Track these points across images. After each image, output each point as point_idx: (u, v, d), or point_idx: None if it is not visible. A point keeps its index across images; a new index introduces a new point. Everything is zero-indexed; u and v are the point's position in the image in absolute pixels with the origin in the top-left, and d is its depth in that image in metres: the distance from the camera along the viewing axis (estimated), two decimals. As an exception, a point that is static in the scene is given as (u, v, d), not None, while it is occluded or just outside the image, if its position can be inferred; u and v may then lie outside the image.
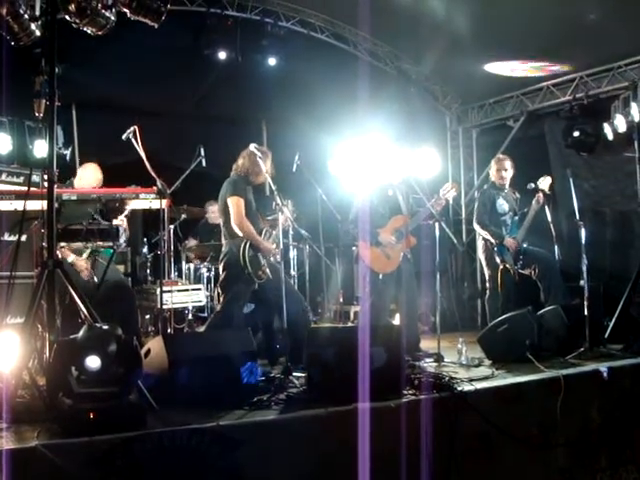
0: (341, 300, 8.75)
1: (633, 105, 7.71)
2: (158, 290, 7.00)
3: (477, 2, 7.87)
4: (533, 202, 7.16)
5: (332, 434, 3.96)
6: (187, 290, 8.05)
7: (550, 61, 8.97)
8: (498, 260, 7.10)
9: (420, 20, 8.07)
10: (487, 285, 7.40)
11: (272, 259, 6.09)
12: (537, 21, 7.72)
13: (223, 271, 6.07)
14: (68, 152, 7.56)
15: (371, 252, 6.55)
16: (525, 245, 7.22)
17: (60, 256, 5.10)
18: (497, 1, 7.67)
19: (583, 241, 6.36)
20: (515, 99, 10.06)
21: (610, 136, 8.25)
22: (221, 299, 6.12)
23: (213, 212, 8.75)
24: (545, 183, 7.11)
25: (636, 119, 7.64)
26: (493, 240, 7.18)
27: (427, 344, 6.52)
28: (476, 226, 7.46)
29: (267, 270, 5.96)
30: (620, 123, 8.03)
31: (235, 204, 5.96)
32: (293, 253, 8.78)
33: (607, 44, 7.99)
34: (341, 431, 3.95)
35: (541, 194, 7.09)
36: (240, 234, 5.93)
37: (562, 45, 8.22)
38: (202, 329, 6.11)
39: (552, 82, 9.39)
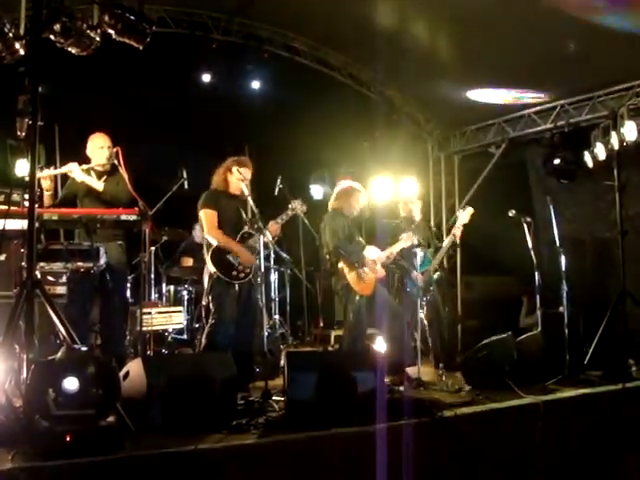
0: (321, 324, 8.73)
1: (613, 134, 7.78)
2: (138, 312, 6.95)
3: (459, 30, 7.94)
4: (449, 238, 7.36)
5: (311, 459, 3.93)
6: (167, 312, 8.00)
7: (531, 89, 9.06)
8: None
9: (403, 47, 8.14)
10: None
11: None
12: (519, 50, 7.82)
13: (207, 281, 6.08)
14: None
15: (354, 270, 6.58)
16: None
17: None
18: (479, 30, 7.75)
19: (563, 268, 6.41)
20: (497, 126, 10.12)
21: (590, 164, 8.32)
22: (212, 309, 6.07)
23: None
24: (466, 215, 7.34)
25: (615, 148, 7.71)
26: None
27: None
28: None
29: (247, 269, 5.98)
30: (600, 151, 8.10)
31: (204, 216, 6.05)
32: (274, 276, 8.77)
33: (588, 74, 8.10)
34: (320, 456, 3.93)
35: (458, 231, 7.30)
36: (215, 243, 5.96)
37: (544, 74, 8.32)
38: (202, 339, 6.05)
39: (533, 110, 9.47)
